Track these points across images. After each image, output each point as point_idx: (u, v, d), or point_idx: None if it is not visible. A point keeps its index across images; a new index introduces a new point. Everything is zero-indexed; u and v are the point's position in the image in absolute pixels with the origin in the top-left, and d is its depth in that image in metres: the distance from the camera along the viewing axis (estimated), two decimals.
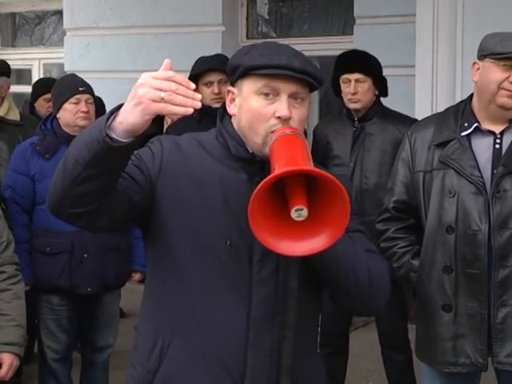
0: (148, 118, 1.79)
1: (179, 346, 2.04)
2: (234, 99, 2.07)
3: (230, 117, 2.11)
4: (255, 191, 1.77)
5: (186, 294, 2.03)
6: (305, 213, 1.81)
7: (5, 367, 3.04)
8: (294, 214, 1.81)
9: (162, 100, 1.75)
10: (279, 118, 1.98)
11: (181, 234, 2.03)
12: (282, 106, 1.98)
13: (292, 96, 2.00)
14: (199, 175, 2.04)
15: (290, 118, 1.98)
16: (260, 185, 1.77)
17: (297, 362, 2.07)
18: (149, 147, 2.10)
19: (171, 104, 1.75)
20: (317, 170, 1.79)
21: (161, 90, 1.76)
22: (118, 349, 4.32)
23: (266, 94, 1.99)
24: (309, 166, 1.83)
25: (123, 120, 1.80)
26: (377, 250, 2.15)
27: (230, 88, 2.09)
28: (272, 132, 1.99)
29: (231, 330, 2.02)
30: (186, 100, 1.75)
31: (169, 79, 1.78)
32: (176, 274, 2.04)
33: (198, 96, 1.78)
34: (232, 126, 2.09)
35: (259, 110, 1.99)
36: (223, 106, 2.15)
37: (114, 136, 1.79)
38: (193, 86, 1.78)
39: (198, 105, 1.77)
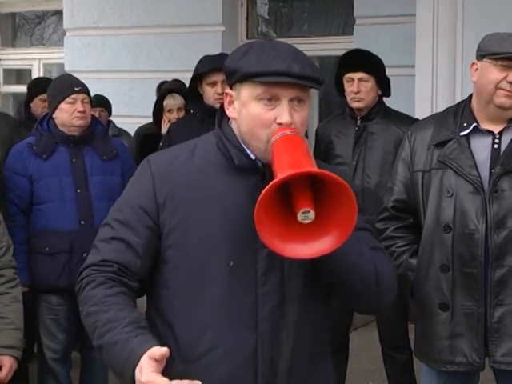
0: None
1: (191, 371, 2.00)
2: (232, 102, 2.04)
3: (228, 119, 2.08)
4: (260, 197, 1.74)
5: (193, 318, 2.01)
6: (312, 215, 1.79)
7: (5, 370, 3.03)
8: (300, 217, 1.79)
9: None
10: (280, 124, 1.95)
11: (181, 266, 2.01)
12: (283, 112, 1.95)
13: (293, 100, 1.97)
14: (196, 200, 2.02)
15: (291, 124, 1.96)
16: (265, 190, 1.74)
17: (305, 368, 2.06)
18: (139, 180, 2.09)
19: None
20: (322, 171, 1.77)
21: None
22: None
23: (267, 100, 1.96)
24: (313, 167, 1.80)
25: None
26: (383, 248, 2.14)
27: (228, 91, 2.05)
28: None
29: (241, 348, 2.00)
30: None
31: None
32: (182, 298, 2.02)
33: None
34: (231, 130, 2.06)
35: (260, 117, 1.96)
36: (221, 109, 2.11)
37: None
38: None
39: None
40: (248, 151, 2.03)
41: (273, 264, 1.97)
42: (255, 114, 1.97)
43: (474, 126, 2.90)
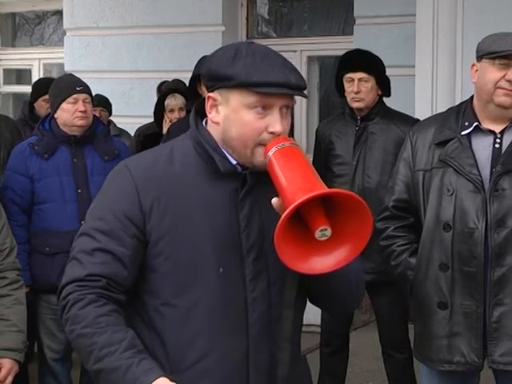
0: None
1: (183, 379, 1.97)
2: (215, 106, 2.00)
3: (202, 120, 2.06)
4: (278, 226, 1.75)
5: (184, 325, 1.98)
6: (329, 232, 1.81)
7: (3, 371, 2.99)
8: (318, 235, 1.81)
9: None
10: (272, 133, 1.94)
11: (171, 274, 1.98)
12: (275, 122, 1.95)
13: (282, 108, 1.97)
14: (181, 207, 1.98)
15: (282, 133, 1.96)
16: (283, 217, 1.74)
17: (290, 369, 2.06)
18: (119, 186, 2.00)
19: None
20: (337, 190, 1.79)
21: None
22: None
23: (260, 108, 1.95)
24: (324, 186, 1.82)
25: None
26: None
27: (211, 94, 1.99)
28: (261, 144, 1.95)
29: (232, 353, 1.99)
30: None
31: None
32: (172, 307, 1.98)
33: None
34: (209, 134, 2.02)
35: (252, 125, 1.95)
36: (196, 110, 2.07)
37: None
38: None
39: None
40: (228, 156, 2.01)
41: (260, 269, 1.97)
42: (247, 122, 1.95)
43: (476, 126, 2.91)
